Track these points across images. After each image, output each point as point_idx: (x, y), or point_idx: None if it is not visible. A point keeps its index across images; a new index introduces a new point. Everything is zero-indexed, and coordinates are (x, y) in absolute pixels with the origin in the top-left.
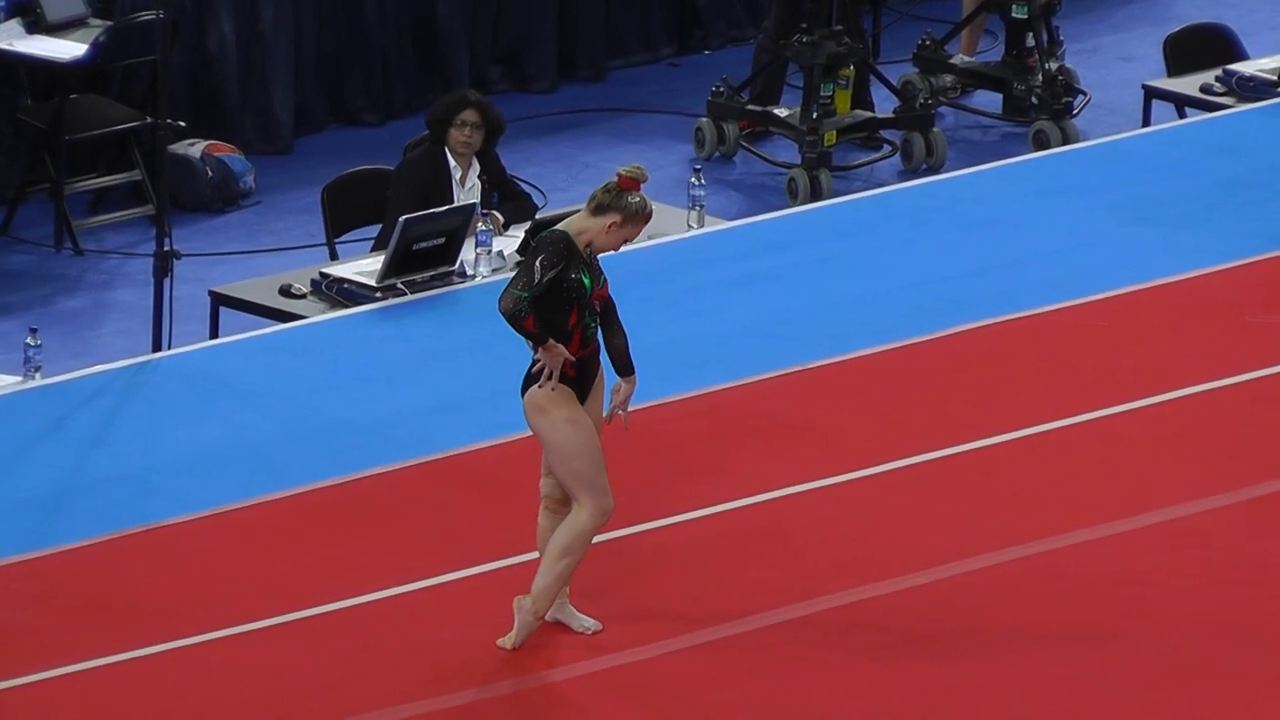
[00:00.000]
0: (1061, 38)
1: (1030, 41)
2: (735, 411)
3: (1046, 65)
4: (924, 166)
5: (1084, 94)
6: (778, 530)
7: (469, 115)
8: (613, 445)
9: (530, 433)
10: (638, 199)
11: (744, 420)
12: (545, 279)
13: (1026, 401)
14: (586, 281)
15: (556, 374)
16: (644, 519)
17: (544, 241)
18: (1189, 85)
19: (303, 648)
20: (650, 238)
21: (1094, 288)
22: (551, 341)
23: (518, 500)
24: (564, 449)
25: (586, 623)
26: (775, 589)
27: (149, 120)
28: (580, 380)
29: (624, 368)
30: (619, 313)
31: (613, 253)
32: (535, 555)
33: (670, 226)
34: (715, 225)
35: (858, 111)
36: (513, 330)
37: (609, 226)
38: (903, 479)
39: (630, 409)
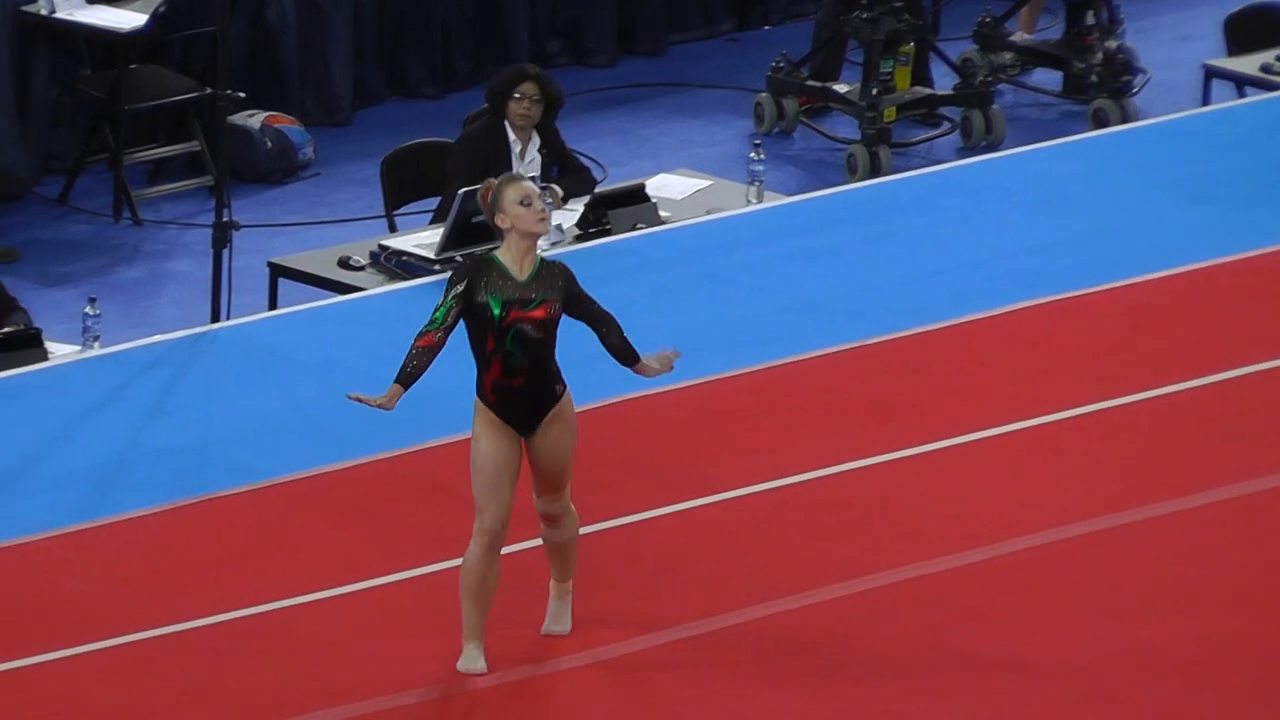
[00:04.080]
0: (1121, 16)
1: (1090, 20)
2: (794, 387)
3: (1106, 44)
4: (983, 144)
5: (1143, 72)
6: (837, 505)
7: (528, 88)
8: (673, 420)
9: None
10: (498, 180)
11: (803, 396)
12: (447, 297)
13: (1085, 378)
14: (494, 304)
15: (372, 406)
16: (706, 493)
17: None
18: (1249, 64)
19: (362, 618)
20: (709, 212)
21: (1152, 266)
22: (381, 397)
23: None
24: (472, 461)
25: (557, 625)
26: (836, 563)
27: (208, 91)
28: (507, 409)
29: (631, 358)
30: (604, 311)
31: (535, 219)
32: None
33: (730, 202)
34: (774, 200)
35: (917, 88)
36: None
37: (511, 208)
38: (961, 455)
39: (691, 381)
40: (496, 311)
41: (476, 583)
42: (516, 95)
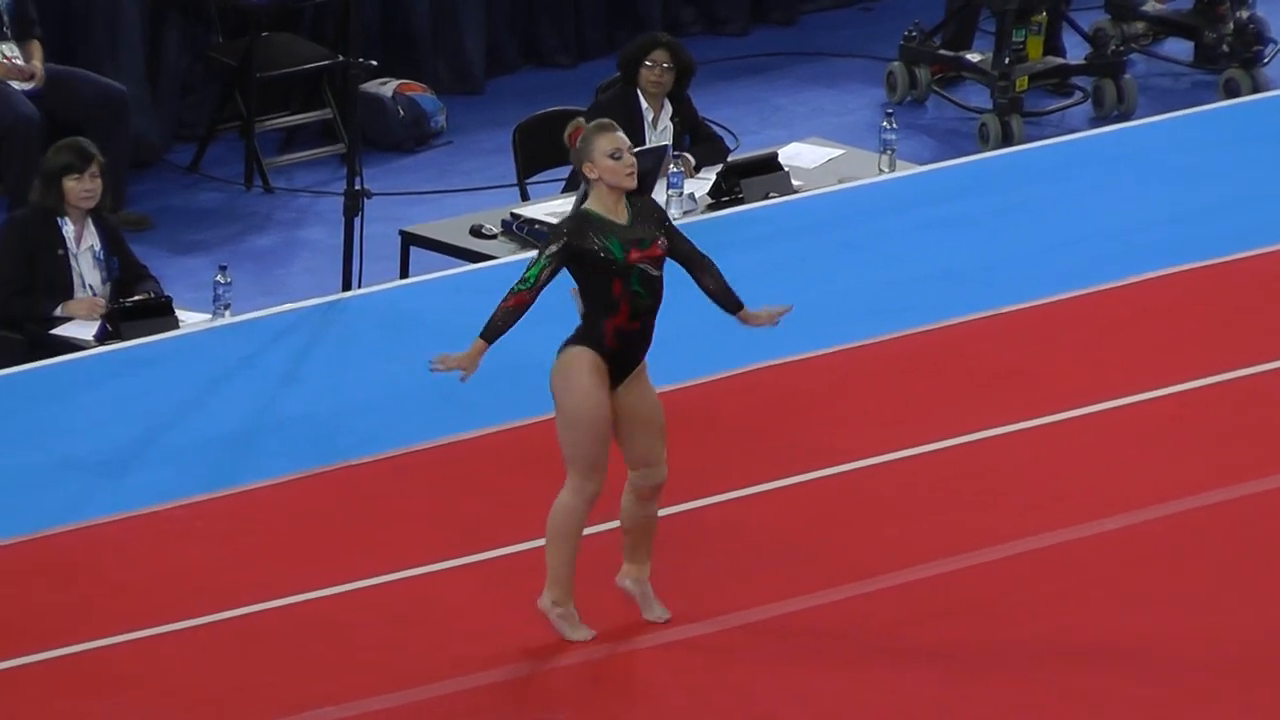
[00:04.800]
0: None
1: None
2: (926, 356)
3: (1237, 13)
4: (1115, 114)
5: (1275, 42)
6: (971, 474)
7: (659, 56)
8: (805, 389)
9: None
10: (590, 126)
11: (935, 365)
12: (542, 256)
13: (1218, 348)
14: (615, 248)
15: (452, 368)
16: (838, 461)
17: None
18: None
19: (488, 588)
20: (841, 181)
21: None
22: (463, 354)
23: (698, 442)
24: (569, 415)
25: (657, 611)
26: (971, 532)
27: (340, 59)
28: (621, 356)
29: (732, 304)
30: (701, 253)
31: (625, 173)
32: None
33: (862, 170)
34: (907, 170)
35: (1049, 58)
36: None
37: (601, 160)
38: (1094, 424)
39: (823, 350)
40: (619, 255)
41: (578, 534)
42: (648, 63)
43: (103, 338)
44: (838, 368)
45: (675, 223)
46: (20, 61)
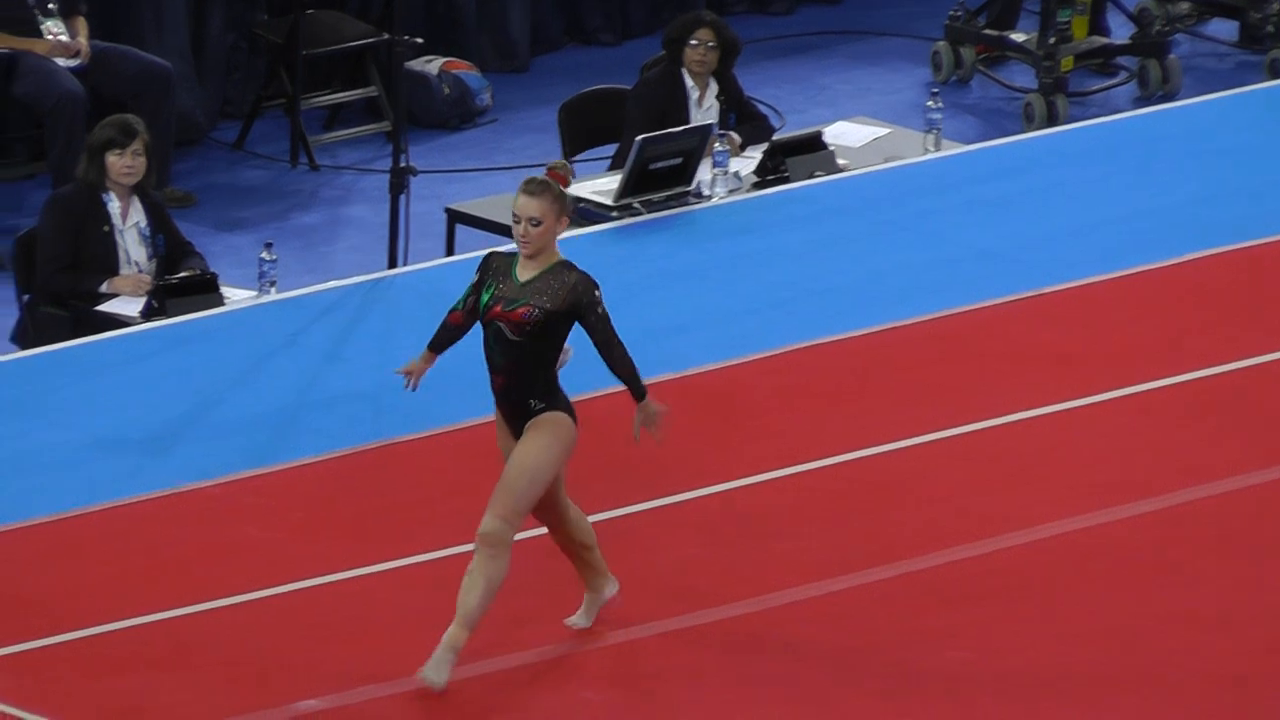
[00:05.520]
0: None
1: None
2: (968, 336)
3: None
4: (1159, 94)
5: None
6: (1009, 454)
7: (704, 34)
8: (846, 368)
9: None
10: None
11: (978, 344)
12: (469, 286)
13: (1263, 329)
14: (486, 297)
15: (402, 373)
16: (886, 440)
17: None
18: None
19: (539, 564)
20: (887, 160)
21: None
22: (414, 361)
23: (752, 421)
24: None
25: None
26: (1007, 514)
27: (386, 36)
28: (501, 405)
29: (634, 392)
30: (612, 340)
31: (519, 239)
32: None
33: (907, 150)
34: (951, 149)
35: (1094, 37)
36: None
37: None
38: (1138, 405)
39: (866, 329)
40: (483, 305)
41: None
42: (693, 42)
43: (148, 314)
44: (880, 347)
45: (721, 201)
46: (66, 38)
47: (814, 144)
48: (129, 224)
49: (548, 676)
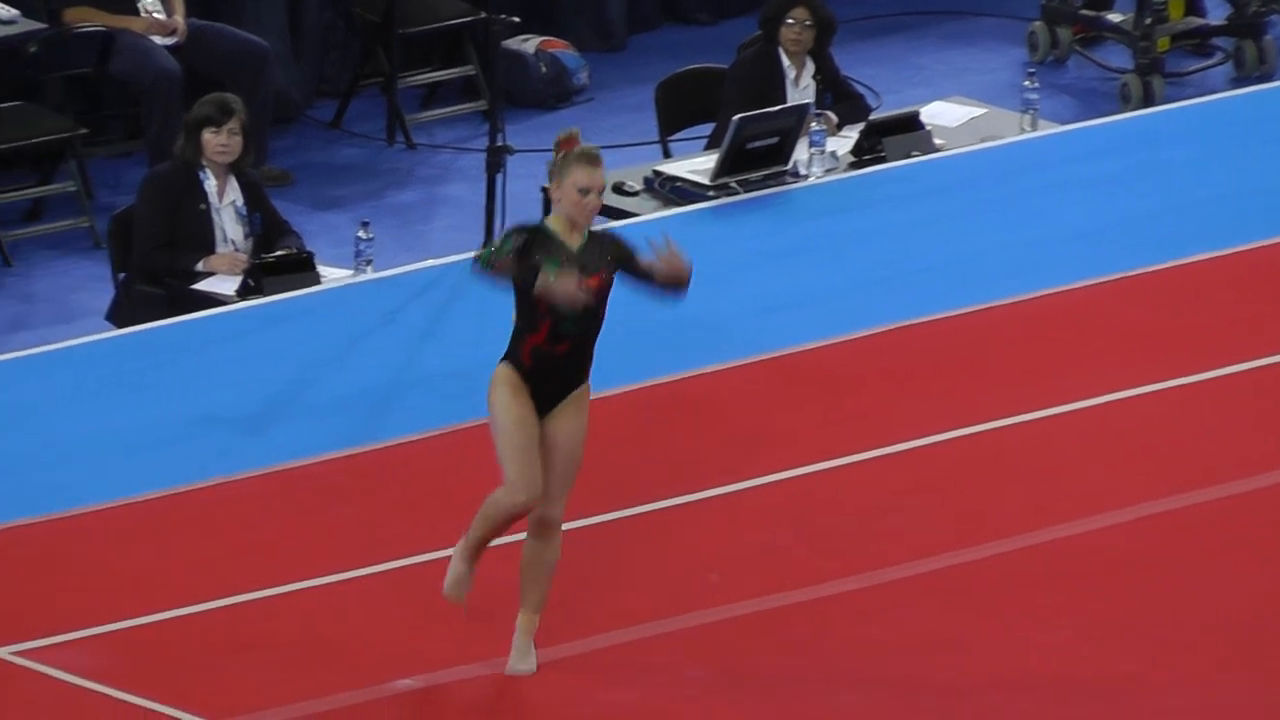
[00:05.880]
0: None
1: None
2: (1066, 316)
3: None
4: (1255, 75)
5: None
6: (1107, 434)
7: (799, 14)
8: (942, 347)
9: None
10: (576, 149)
11: (1074, 325)
12: (506, 245)
13: None
14: (549, 267)
15: (572, 297)
16: (984, 419)
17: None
18: None
19: (638, 542)
20: (983, 140)
21: None
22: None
23: (851, 400)
24: (492, 427)
25: (526, 664)
26: (1105, 493)
27: (482, 15)
28: (541, 378)
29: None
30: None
31: (584, 212)
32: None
33: (1003, 130)
34: (1048, 129)
35: (1190, 18)
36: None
37: (569, 191)
38: (1238, 385)
39: (963, 310)
40: (552, 273)
41: (499, 525)
42: (789, 20)
43: (244, 293)
44: (976, 327)
45: (817, 180)
46: (162, 15)
47: (910, 124)
48: (225, 202)
49: (642, 658)
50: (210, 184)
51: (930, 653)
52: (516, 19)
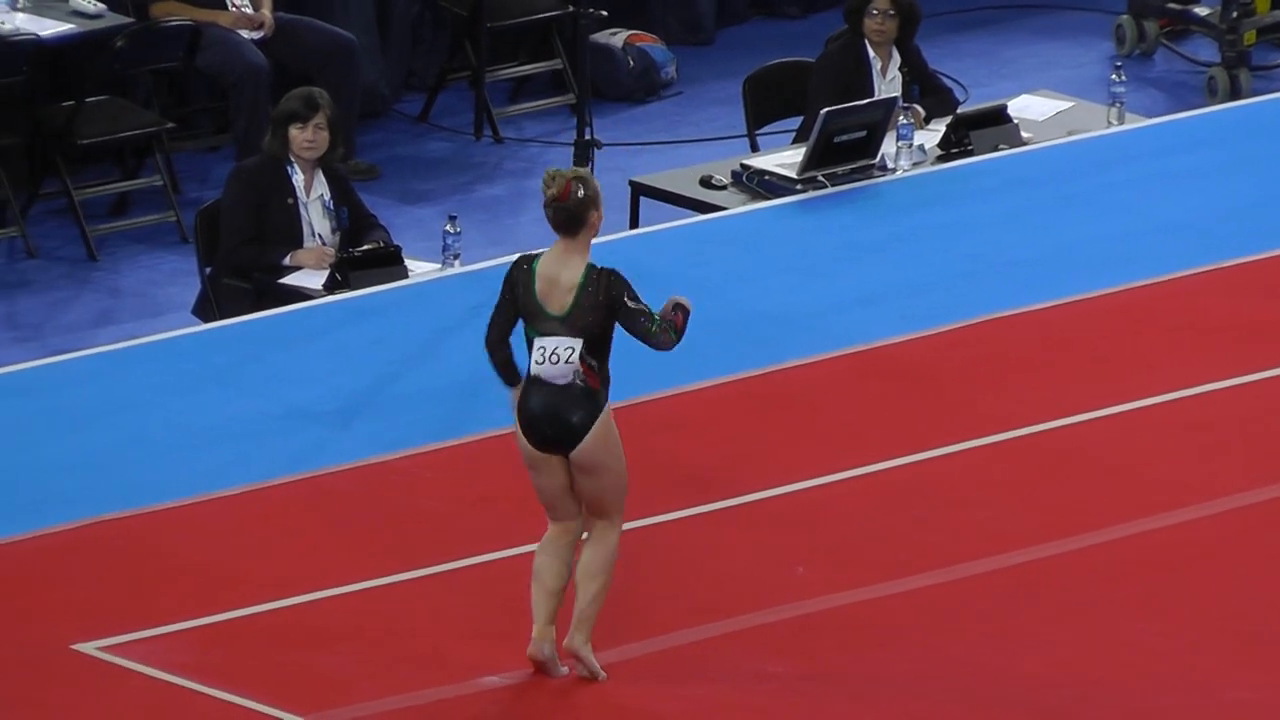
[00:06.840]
0: None
1: None
2: (1154, 309)
3: None
4: None
5: None
6: (1199, 426)
7: (881, 3)
8: (1034, 339)
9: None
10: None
11: (1162, 317)
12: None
13: None
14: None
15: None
16: (1073, 412)
17: None
18: None
19: (720, 536)
20: (1070, 134)
21: None
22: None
23: (938, 392)
24: (619, 464)
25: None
26: (1198, 485)
27: (571, 9)
28: None
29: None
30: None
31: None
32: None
33: (1091, 123)
34: (1135, 122)
35: (1277, 12)
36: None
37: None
38: None
39: (1053, 302)
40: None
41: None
42: (872, 11)
43: (330, 287)
44: (1064, 320)
45: (905, 174)
46: (250, 10)
47: (998, 117)
48: (313, 196)
49: (727, 652)
50: (297, 178)
51: (1014, 646)
52: (605, 12)
